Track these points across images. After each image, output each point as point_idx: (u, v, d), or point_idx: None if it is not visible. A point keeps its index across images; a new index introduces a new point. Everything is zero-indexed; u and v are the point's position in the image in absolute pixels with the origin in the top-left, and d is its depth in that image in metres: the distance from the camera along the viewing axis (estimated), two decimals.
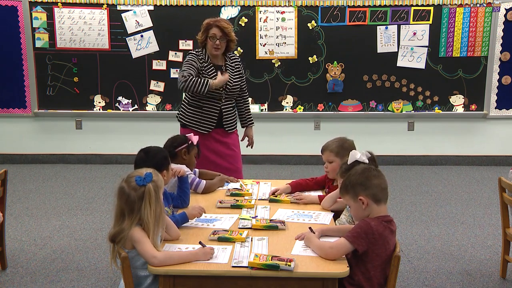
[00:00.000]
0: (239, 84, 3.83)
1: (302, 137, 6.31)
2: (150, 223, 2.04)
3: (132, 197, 2.05)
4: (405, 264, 3.48)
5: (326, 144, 2.96)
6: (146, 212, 2.04)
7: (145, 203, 2.04)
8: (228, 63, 3.79)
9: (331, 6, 5.94)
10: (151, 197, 2.05)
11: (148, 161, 2.53)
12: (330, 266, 2.01)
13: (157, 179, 2.13)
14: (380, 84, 6.11)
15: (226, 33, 3.65)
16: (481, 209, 4.69)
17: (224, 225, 2.47)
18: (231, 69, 3.78)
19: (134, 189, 2.06)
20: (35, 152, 6.37)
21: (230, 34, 3.67)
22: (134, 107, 6.17)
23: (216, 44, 3.64)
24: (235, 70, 3.81)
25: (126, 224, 2.06)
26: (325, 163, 2.94)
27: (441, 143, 6.35)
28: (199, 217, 2.51)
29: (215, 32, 3.62)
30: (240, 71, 3.85)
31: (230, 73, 3.74)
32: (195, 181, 3.03)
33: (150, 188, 2.06)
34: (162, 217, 2.10)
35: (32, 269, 3.37)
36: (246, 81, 4.01)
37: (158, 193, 2.10)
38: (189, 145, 3.15)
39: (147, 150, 2.66)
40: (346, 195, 2.22)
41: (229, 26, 3.68)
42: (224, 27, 3.64)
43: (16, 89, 6.15)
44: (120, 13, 5.96)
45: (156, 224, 2.06)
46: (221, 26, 3.63)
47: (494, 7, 5.94)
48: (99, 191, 5.21)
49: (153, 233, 2.06)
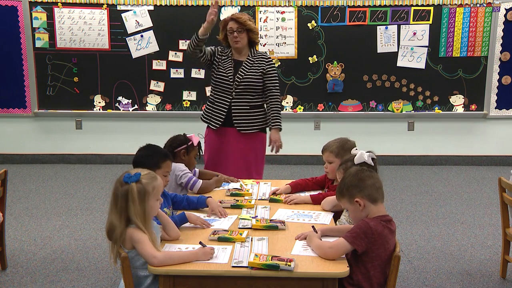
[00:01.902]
0: (254, 80, 3.64)
1: (302, 137, 6.30)
2: (138, 223, 2.05)
3: (116, 190, 2.10)
4: (405, 264, 3.48)
5: (327, 144, 2.96)
6: (130, 210, 2.06)
7: (129, 201, 2.06)
8: (250, 58, 3.67)
9: (331, 6, 5.94)
10: (133, 197, 2.05)
11: (144, 157, 2.56)
12: (330, 266, 2.01)
13: (148, 182, 2.10)
14: (380, 84, 6.11)
15: (242, 23, 3.55)
16: (481, 209, 4.69)
17: (223, 225, 2.47)
18: (249, 63, 3.65)
19: (121, 184, 2.10)
20: (35, 152, 6.37)
21: (246, 23, 3.56)
22: (134, 107, 6.17)
23: (234, 37, 3.58)
24: (254, 66, 3.65)
25: (114, 218, 2.07)
26: (325, 163, 2.94)
27: (441, 143, 6.35)
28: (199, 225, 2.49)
29: (231, 25, 3.57)
30: (261, 68, 3.65)
31: (247, 67, 3.64)
32: (192, 181, 3.03)
33: (132, 188, 2.06)
34: (148, 218, 2.09)
35: (32, 269, 3.37)
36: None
37: (144, 195, 2.07)
38: (188, 146, 3.15)
39: (147, 148, 2.68)
40: (342, 199, 2.22)
41: (243, 16, 3.58)
42: (238, 17, 3.56)
43: (16, 89, 6.15)
44: (120, 13, 5.96)
45: (144, 224, 2.06)
46: (235, 18, 3.57)
47: (494, 7, 5.94)
48: (99, 191, 5.21)
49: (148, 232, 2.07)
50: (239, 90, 3.64)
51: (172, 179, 2.97)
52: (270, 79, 3.70)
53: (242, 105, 3.67)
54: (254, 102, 3.70)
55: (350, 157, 2.58)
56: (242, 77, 3.62)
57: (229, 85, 3.63)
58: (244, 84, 3.64)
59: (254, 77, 3.65)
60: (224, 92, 3.66)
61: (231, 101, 3.65)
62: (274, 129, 3.73)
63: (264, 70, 3.67)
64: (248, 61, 3.66)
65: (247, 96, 3.67)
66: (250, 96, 3.67)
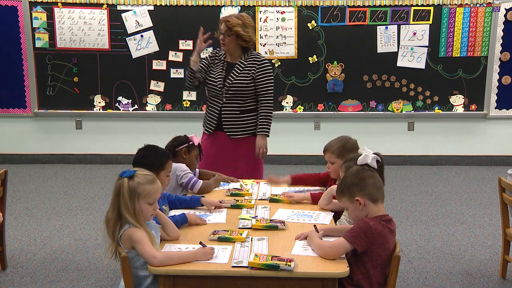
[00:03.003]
0: (245, 84, 3.52)
1: (302, 137, 6.31)
2: (128, 218, 2.06)
3: (115, 183, 2.14)
4: (405, 264, 3.48)
5: (328, 144, 2.94)
6: (121, 205, 2.08)
7: (120, 195, 2.08)
8: (242, 60, 3.56)
9: (331, 6, 5.94)
10: (122, 192, 2.07)
11: (144, 157, 2.56)
12: (330, 266, 2.01)
13: (141, 183, 2.10)
14: (380, 84, 6.11)
15: (229, 27, 3.45)
16: (481, 209, 4.69)
17: (218, 219, 2.54)
18: (241, 67, 3.54)
19: (118, 178, 2.14)
20: (35, 152, 6.37)
21: (234, 29, 3.44)
22: (134, 107, 6.17)
23: (221, 39, 3.52)
24: (245, 69, 3.53)
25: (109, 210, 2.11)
26: (327, 163, 2.93)
27: (441, 143, 6.35)
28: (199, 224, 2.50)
29: (222, 27, 3.51)
30: (252, 71, 3.53)
31: (238, 71, 3.54)
32: (192, 181, 3.03)
33: (123, 183, 2.08)
34: (139, 218, 2.09)
35: (32, 269, 3.37)
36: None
37: (134, 194, 2.07)
38: (189, 145, 3.16)
39: (147, 148, 2.68)
40: (343, 197, 2.22)
41: (233, 20, 3.46)
42: (227, 20, 3.47)
43: (16, 89, 6.15)
44: (120, 13, 5.96)
45: (136, 222, 2.07)
46: (225, 20, 3.50)
47: (494, 7, 5.94)
48: (99, 191, 5.21)
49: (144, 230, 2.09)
50: (229, 95, 3.55)
51: (173, 179, 2.97)
52: (261, 82, 3.54)
53: (233, 110, 3.57)
54: (246, 107, 3.58)
55: (354, 156, 2.52)
56: (231, 81, 3.53)
57: (219, 89, 3.56)
58: (234, 88, 3.53)
59: (244, 81, 3.53)
60: (215, 97, 3.60)
61: (222, 105, 3.58)
62: (260, 135, 3.58)
63: (254, 74, 3.53)
64: (240, 65, 3.55)
65: (237, 101, 3.56)
66: (241, 101, 3.56)
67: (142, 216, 2.10)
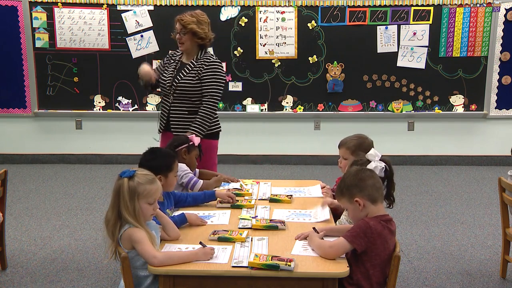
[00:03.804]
0: (191, 85, 3.44)
1: (302, 137, 6.31)
2: (128, 218, 2.06)
3: (115, 183, 2.14)
4: (405, 264, 3.48)
5: (345, 139, 2.90)
6: (121, 205, 2.08)
7: (120, 195, 2.09)
8: (193, 60, 3.49)
9: (331, 6, 5.94)
10: (123, 192, 2.08)
11: (151, 161, 2.55)
12: (330, 266, 2.01)
13: (141, 183, 2.10)
14: (380, 84, 6.11)
15: (183, 25, 3.41)
16: (481, 209, 4.69)
17: (221, 220, 2.52)
18: (190, 67, 3.47)
19: (117, 178, 2.14)
20: (35, 152, 6.37)
21: (188, 26, 3.40)
22: (134, 107, 6.17)
23: (178, 39, 3.49)
24: (193, 69, 3.46)
25: (109, 210, 2.11)
26: (340, 157, 2.90)
27: (441, 143, 6.35)
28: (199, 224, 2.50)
29: (177, 26, 3.48)
30: (199, 72, 3.44)
31: (186, 71, 3.47)
32: (192, 181, 3.04)
33: (123, 183, 2.09)
34: (139, 218, 2.09)
35: (32, 269, 3.37)
36: (246, 81, 3.85)
37: (134, 194, 2.08)
38: (189, 145, 3.16)
39: (152, 152, 2.67)
40: (342, 198, 2.22)
41: (187, 18, 3.43)
42: (181, 19, 3.44)
43: (16, 89, 6.15)
44: (120, 13, 5.96)
45: (136, 222, 2.07)
46: (179, 19, 3.47)
47: (494, 7, 5.94)
48: (99, 191, 5.21)
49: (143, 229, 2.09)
50: (176, 95, 3.49)
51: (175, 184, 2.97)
52: (206, 83, 3.44)
53: (181, 110, 3.50)
54: (193, 108, 3.48)
55: (363, 160, 2.46)
56: (178, 81, 3.47)
57: (167, 89, 3.53)
58: (180, 88, 3.47)
59: (191, 81, 3.45)
60: (165, 96, 3.58)
61: (170, 105, 3.53)
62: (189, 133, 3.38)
63: (200, 74, 3.44)
64: (190, 65, 3.49)
65: (185, 101, 3.49)
66: (188, 101, 3.48)
67: (142, 216, 2.10)
